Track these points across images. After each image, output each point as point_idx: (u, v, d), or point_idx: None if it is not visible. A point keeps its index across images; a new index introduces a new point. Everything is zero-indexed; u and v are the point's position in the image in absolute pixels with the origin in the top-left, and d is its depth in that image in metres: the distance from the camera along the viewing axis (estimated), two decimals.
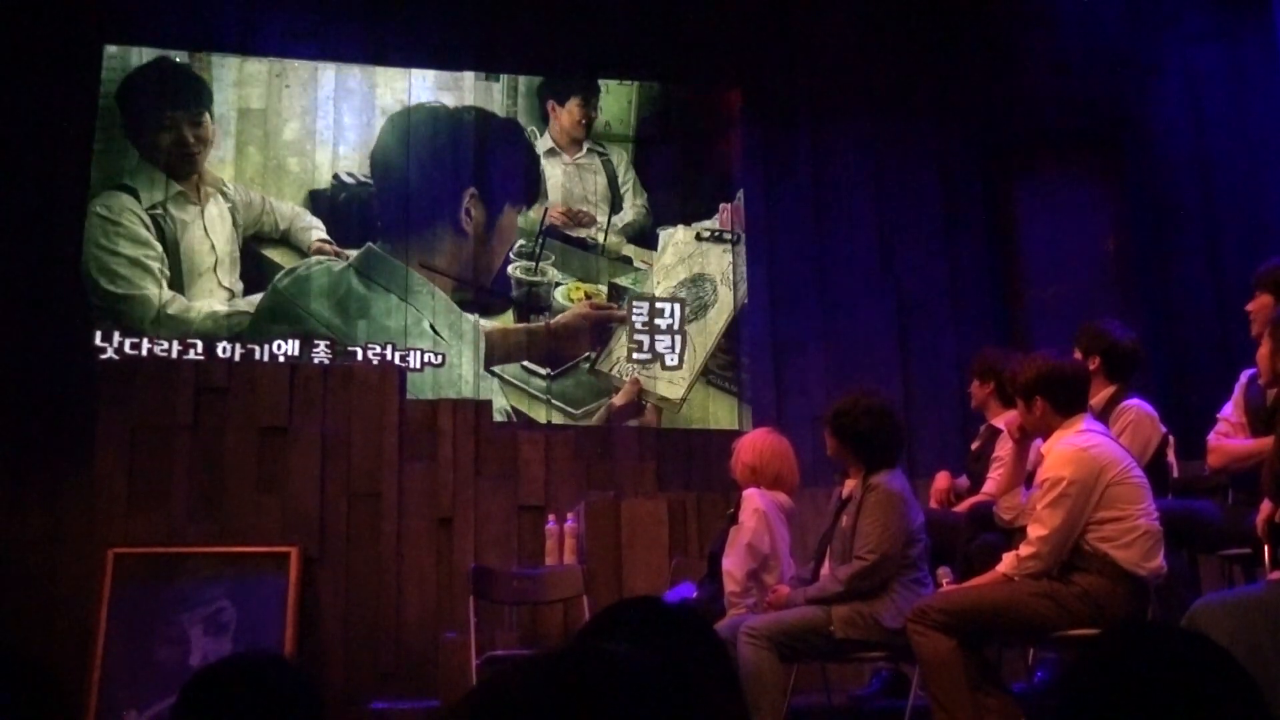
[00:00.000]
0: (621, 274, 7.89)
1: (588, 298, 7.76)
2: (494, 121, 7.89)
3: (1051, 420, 4.03)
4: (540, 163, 7.91)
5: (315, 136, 7.64)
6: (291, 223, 7.49)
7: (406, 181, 7.66)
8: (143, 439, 6.16)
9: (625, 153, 8.05)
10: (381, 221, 7.57)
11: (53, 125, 7.14)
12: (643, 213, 7.99)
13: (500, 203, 7.76)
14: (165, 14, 7.49)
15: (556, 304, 7.72)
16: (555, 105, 8.00)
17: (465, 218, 7.67)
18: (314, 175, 7.60)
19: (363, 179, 7.65)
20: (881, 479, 4.37)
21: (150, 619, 5.84)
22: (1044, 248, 7.92)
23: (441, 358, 7.40)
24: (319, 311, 7.35)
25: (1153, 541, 3.84)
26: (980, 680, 3.89)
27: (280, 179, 7.55)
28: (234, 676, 1.87)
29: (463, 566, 6.11)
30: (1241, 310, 4.53)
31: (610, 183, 8.00)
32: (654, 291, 7.86)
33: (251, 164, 7.53)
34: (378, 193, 7.62)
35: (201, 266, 7.29)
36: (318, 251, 7.45)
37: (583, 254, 7.86)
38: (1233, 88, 7.50)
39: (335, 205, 7.57)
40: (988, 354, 5.43)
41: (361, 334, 7.32)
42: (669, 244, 7.98)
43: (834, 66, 8.06)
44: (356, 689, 5.92)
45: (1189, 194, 7.52)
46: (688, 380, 7.77)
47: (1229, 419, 4.40)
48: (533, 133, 7.94)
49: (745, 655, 4.14)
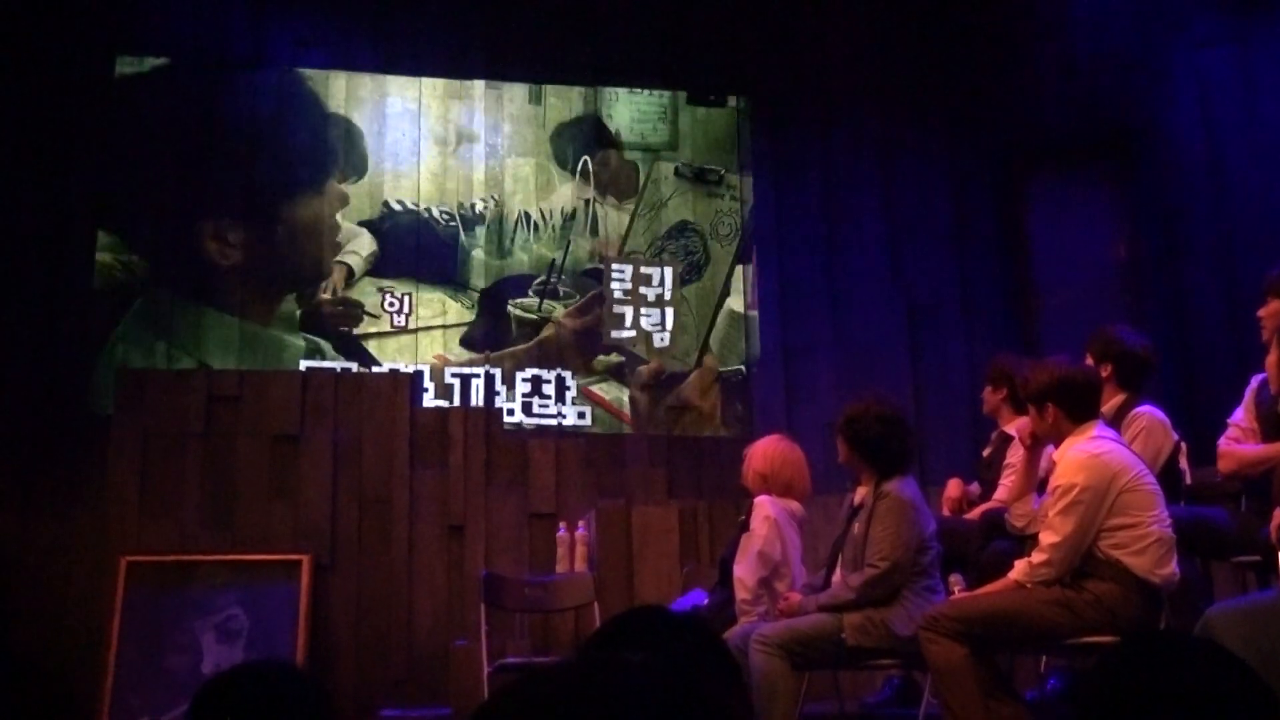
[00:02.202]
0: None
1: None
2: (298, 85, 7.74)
3: (1063, 427, 4.02)
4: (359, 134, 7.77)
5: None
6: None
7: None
8: (155, 447, 6.17)
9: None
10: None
11: (66, 132, 7.18)
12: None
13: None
14: (176, 24, 7.53)
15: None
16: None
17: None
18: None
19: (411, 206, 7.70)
20: (893, 486, 4.36)
21: (162, 626, 5.85)
22: (1055, 253, 7.90)
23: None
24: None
25: (1165, 549, 3.83)
26: (992, 688, 3.87)
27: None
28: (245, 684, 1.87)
29: (474, 574, 6.11)
30: (1253, 316, 4.51)
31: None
32: (626, 233, 7.72)
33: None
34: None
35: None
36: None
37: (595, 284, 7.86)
38: (1244, 92, 7.47)
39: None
40: (1002, 360, 5.42)
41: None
42: (644, 182, 7.87)
43: (844, 72, 8.07)
44: (367, 696, 5.92)
45: (1200, 199, 7.49)
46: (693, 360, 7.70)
47: (1240, 424, 4.38)
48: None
49: (757, 663, 4.14)
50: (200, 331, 7.26)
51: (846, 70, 8.07)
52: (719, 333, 7.89)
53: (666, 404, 7.68)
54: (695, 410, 7.71)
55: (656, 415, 7.66)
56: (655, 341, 7.73)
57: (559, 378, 7.60)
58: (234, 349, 7.25)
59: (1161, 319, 7.23)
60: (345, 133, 7.71)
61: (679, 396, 7.71)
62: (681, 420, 7.68)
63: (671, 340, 7.76)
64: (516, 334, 7.67)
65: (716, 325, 7.89)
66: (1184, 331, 7.28)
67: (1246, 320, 4.78)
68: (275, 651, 5.68)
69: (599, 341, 7.73)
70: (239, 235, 7.41)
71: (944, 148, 8.07)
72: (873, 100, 8.07)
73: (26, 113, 7.12)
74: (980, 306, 7.85)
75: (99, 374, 6.95)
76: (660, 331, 7.75)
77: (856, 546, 4.38)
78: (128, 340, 7.13)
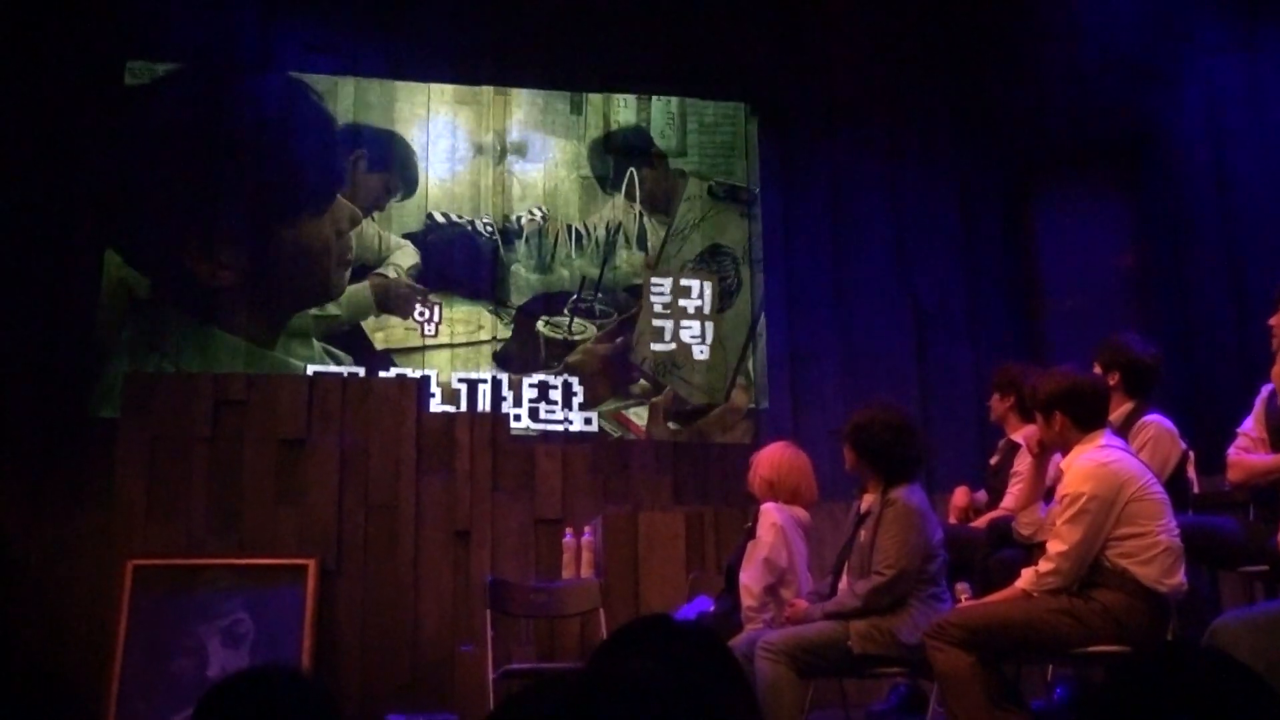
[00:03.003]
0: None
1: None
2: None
3: (1071, 435, 4.01)
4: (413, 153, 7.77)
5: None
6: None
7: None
8: (162, 451, 6.18)
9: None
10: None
11: (75, 138, 7.19)
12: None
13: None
14: (186, 29, 7.54)
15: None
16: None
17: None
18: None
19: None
20: (900, 493, 4.35)
21: (168, 630, 5.85)
22: (1063, 261, 7.88)
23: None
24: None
25: (1173, 558, 3.81)
26: (999, 697, 3.86)
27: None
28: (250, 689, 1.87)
29: (479, 579, 6.11)
30: (1261, 324, 4.50)
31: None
32: (661, 255, 7.66)
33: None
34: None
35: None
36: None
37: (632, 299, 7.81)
38: (1252, 100, 7.46)
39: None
40: (1009, 368, 5.41)
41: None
42: (680, 200, 7.81)
43: (851, 79, 8.06)
44: (373, 701, 5.92)
45: (1208, 207, 7.47)
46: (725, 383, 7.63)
47: (1249, 433, 4.37)
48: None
49: (763, 670, 4.13)
50: (207, 344, 7.25)
51: (853, 76, 8.06)
52: (757, 363, 7.82)
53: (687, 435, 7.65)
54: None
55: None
56: (695, 353, 7.68)
57: (566, 384, 7.58)
58: (240, 357, 7.24)
59: (1169, 326, 7.21)
60: (394, 149, 7.69)
61: (699, 432, 7.66)
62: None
63: (710, 356, 7.67)
64: (546, 354, 7.62)
65: (749, 356, 7.82)
66: (1192, 339, 7.26)
67: (1255, 328, 4.76)
68: (281, 656, 5.68)
69: (626, 367, 7.68)
70: (241, 250, 7.37)
71: (951, 154, 8.07)
72: (880, 106, 8.06)
73: (35, 118, 7.13)
74: (987, 314, 7.84)
75: (105, 377, 6.96)
76: (700, 344, 7.69)
77: (863, 554, 4.38)
78: (133, 347, 7.14)
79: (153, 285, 7.23)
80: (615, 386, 7.62)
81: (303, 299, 7.43)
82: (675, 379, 7.64)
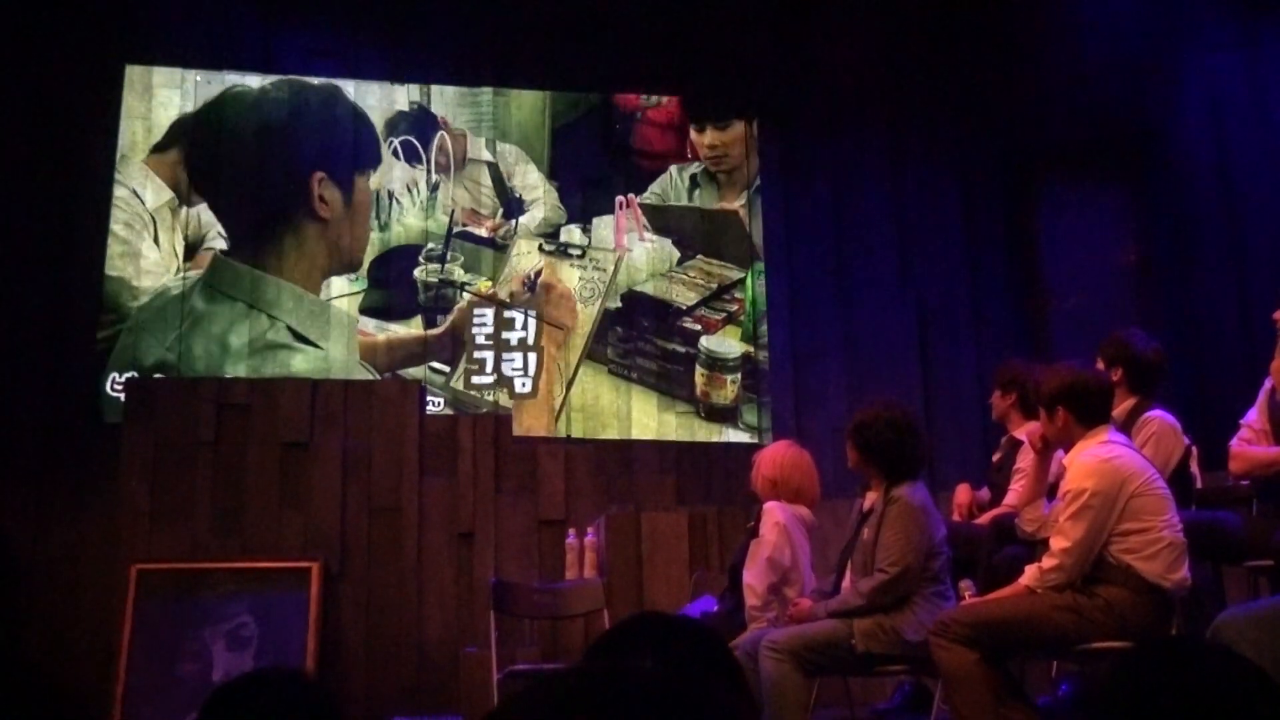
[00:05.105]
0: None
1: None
2: (310, 93, 7.75)
3: (1074, 431, 4.01)
4: (371, 124, 7.76)
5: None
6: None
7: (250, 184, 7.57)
8: (165, 455, 6.19)
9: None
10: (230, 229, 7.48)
11: (75, 145, 7.20)
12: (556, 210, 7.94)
13: (349, 176, 7.69)
14: (186, 33, 7.55)
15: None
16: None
17: (320, 204, 7.59)
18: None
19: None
20: (903, 491, 4.35)
21: (173, 634, 5.85)
22: (1065, 258, 7.88)
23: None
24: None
25: (1177, 553, 3.81)
26: (1003, 694, 3.86)
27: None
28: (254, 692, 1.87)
29: (483, 581, 6.10)
30: (1264, 319, 4.50)
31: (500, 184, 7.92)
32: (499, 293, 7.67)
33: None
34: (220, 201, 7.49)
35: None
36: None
37: (494, 253, 7.81)
38: (1254, 97, 7.46)
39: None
40: (1012, 365, 5.41)
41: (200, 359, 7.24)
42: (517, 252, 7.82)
43: (853, 78, 8.06)
44: (377, 704, 5.92)
45: (1211, 203, 7.47)
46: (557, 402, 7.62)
47: (1253, 425, 4.37)
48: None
49: (767, 669, 4.13)
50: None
51: (855, 76, 8.06)
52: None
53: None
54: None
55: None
56: (517, 386, 7.62)
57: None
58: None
59: (1172, 323, 7.21)
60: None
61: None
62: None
63: (533, 387, 7.63)
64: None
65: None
66: (1195, 335, 7.26)
67: (1258, 323, 4.78)
68: (285, 659, 5.68)
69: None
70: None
71: (953, 153, 8.06)
72: (882, 105, 8.06)
73: (36, 120, 7.14)
74: (990, 312, 7.84)
75: (109, 383, 6.96)
76: (522, 377, 7.64)
77: (866, 552, 4.37)
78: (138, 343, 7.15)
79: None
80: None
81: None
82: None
